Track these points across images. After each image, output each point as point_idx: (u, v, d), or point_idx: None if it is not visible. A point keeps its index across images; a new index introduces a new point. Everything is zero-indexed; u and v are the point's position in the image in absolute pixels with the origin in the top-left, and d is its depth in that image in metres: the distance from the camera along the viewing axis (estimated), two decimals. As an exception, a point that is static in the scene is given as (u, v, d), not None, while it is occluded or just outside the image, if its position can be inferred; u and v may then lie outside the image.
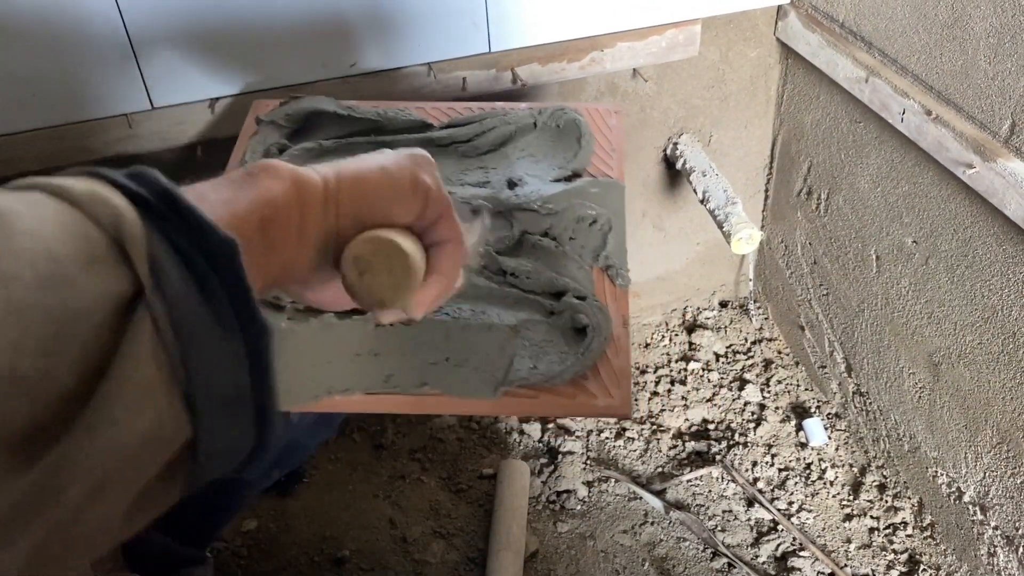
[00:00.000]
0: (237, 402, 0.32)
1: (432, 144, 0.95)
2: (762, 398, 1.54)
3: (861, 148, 1.25)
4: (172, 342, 0.29)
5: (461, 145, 0.96)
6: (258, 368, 0.33)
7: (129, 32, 1.04)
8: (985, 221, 1.04)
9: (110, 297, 0.29)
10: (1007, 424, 1.08)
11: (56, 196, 0.30)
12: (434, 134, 0.96)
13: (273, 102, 1.02)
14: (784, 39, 1.33)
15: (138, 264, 0.29)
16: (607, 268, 0.84)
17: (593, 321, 0.77)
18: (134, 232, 0.30)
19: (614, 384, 0.75)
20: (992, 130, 0.98)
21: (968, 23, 0.98)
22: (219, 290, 0.31)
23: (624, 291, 0.82)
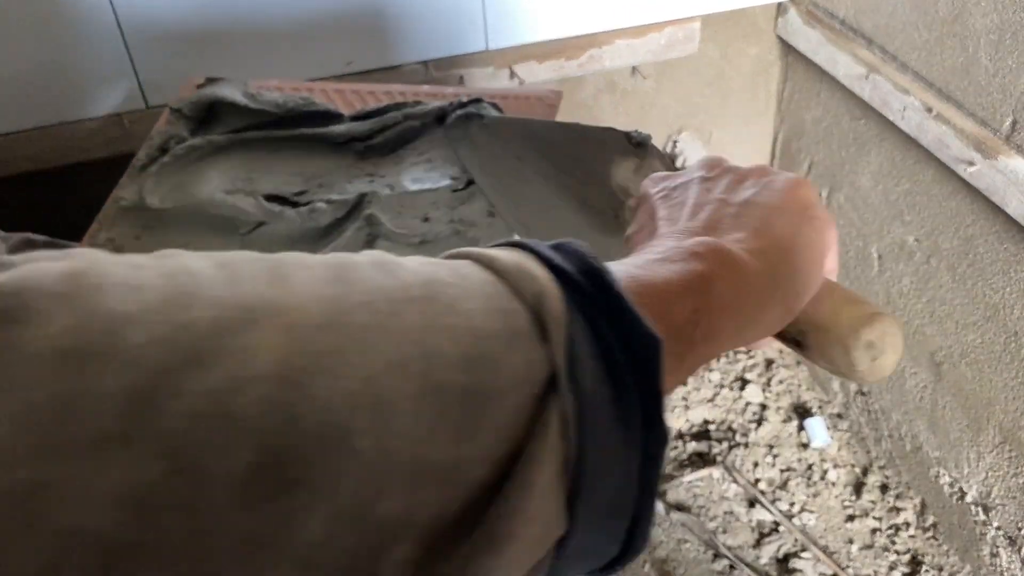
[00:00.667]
0: (618, 509, 0.29)
1: (326, 141, 0.85)
2: (763, 398, 1.53)
3: (862, 146, 1.24)
4: (574, 438, 0.27)
5: (358, 143, 0.85)
6: (647, 477, 0.30)
7: (124, 31, 1.04)
8: (986, 219, 1.03)
9: (529, 379, 0.26)
10: (1010, 424, 1.07)
11: (484, 266, 0.29)
12: (333, 129, 0.85)
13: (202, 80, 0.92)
14: (784, 36, 1.32)
15: (555, 346, 0.27)
16: None
17: None
18: (555, 309, 0.27)
19: None
20: (993, 127, 0.97)
21: (969, 20, 0.97)
22: (633, 389, 0.28)
23: None
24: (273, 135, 0.86)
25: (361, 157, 0.85)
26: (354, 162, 0.84)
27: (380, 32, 1.13)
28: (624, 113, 1.38)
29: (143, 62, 1.07)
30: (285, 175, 0.83)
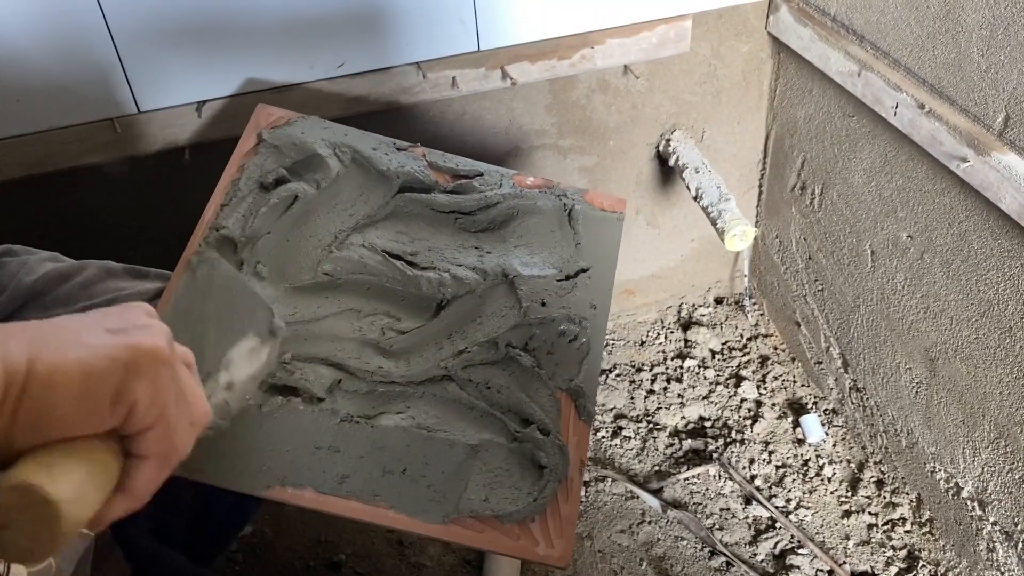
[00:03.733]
0: None
1: (433, 209, 0.92)
2: (759, 395, 1.53)
3: (854, 142, 1.24)
4: None
5: (461, 217, 0.92)
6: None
7: (114, 36, 1.03)
8: (980, 215, 1.03)
9: None
10: (1004, 419, 1.08)
11: None
12: (437, 198, 0.92)
13: (278, 111, 0.96)
14: (776, 33, 1.32)
15: None
16: (576, 397, 0.82)
17: (551, 463, 0.77)
18: None
19: (558, 533, 0.75)
20: (986, 123, 0.97)
21: (960, 15, 0.97)
22: None
23: (586, 427, 0.81)
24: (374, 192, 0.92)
25: (462, 229, 0.92)
26: (455, 232, 0.92)
27: (371, 34, 1.12)
28: (617, 112, 1.38)
29: (134, 66, 1.06)
30: (393, 233, 0.90)
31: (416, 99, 1.20)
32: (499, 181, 0.95)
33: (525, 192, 0.94)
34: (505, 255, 0.90)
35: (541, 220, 0.93)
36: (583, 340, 0.85)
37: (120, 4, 1.01)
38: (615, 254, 0.93)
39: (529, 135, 1.35)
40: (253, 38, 1.08)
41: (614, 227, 0.95)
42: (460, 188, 0.93)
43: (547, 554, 0.74)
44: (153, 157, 1.15)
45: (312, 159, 0.91)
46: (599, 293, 0.89)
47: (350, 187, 0.91)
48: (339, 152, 0.93)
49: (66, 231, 1.20)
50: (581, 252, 0.92)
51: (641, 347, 1.63)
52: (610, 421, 1.50)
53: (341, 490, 0.74)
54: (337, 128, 0.96)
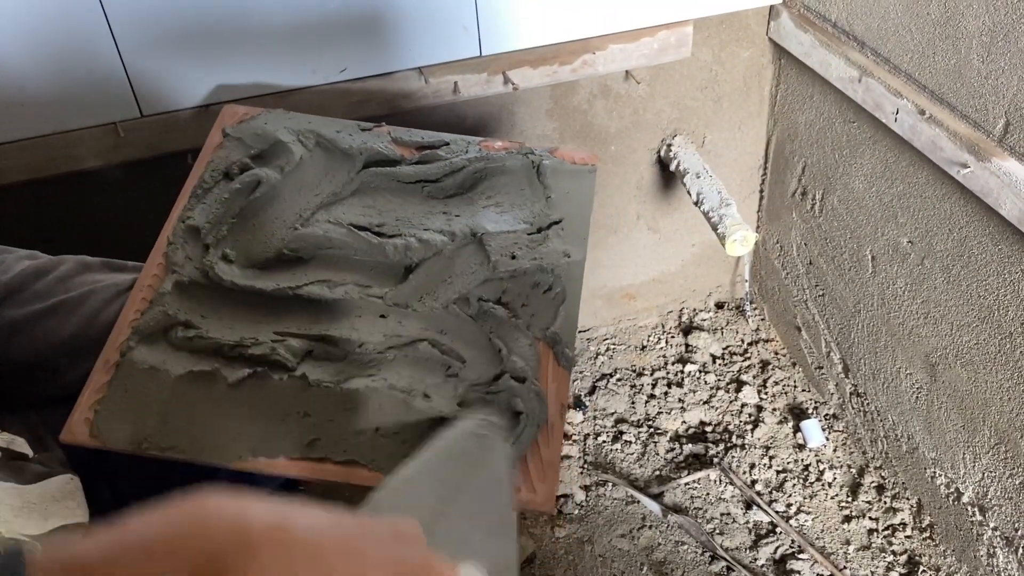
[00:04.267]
0: None
1: (398, 181, 0.92)
2: (759, 399, 1.53)
3: (855, 148, 1.24)
4: None
5: (428, 185, 0.93)
6: None
7: (117, 41, 1.04)
8: (980, 221, 1.03)
9: None
10: (1005, 424, 1.08)
11: None
12: (402, 170, 0.93)
13: (244, 108, 0.99)
14: (777, 39, 1.33)
15: None
16: (554, 344, 0.82)
17: (528, 408, 0.76)
18: None
19: (540, 477, 0.73)
20: (986, 129, 0.98)
21: (960, 22, 0.97)
22: None
23: (566, 373, 0.80)
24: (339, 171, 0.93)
25: (430, 196, 0.92)
26: (423, 201, 0.92)
27: (374, 39, 1.13)
28: (618, 118, 1.38)
29: (137, 71, 1.07)
30: (360, 208, 0.91)
31: (418, 104, 1.20)
32: (465, 148, 0.96)
33: (492, 155, 0.95)
34: (474, 216, 0.90)
35: (509, 179, 0.94)
36: (558, 289, 0.84)
37: (124, 9, 1.02)
38: (589, 204, 0.93)
39: (531, 140, 1.35)
40: (256, 43, 1.09)
41: (586, 179, 0.95)
42: (425, 158, 0.94)
43: (529, 498, 0.72)
44: (156, 161, 1.15)
45: (275, 146, 0.92)
46: (573, 242, 0.88)
47: (314, 169, 0.92)
48: (302, 138, 0.94)
49: (69, 234, 1.21)
50: (552, 205, 0.91)
51: (642, 352, 1.64)
52: (611, 425, 1.50)
53: (312, 453, 0.73)
54: (301, 117, 0.97)
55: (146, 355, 0.76)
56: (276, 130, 0.94)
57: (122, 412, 0.73)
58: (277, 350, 0.77)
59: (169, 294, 0.80)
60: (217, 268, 0.82)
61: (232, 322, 0.80)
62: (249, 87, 1.12)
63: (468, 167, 0.93)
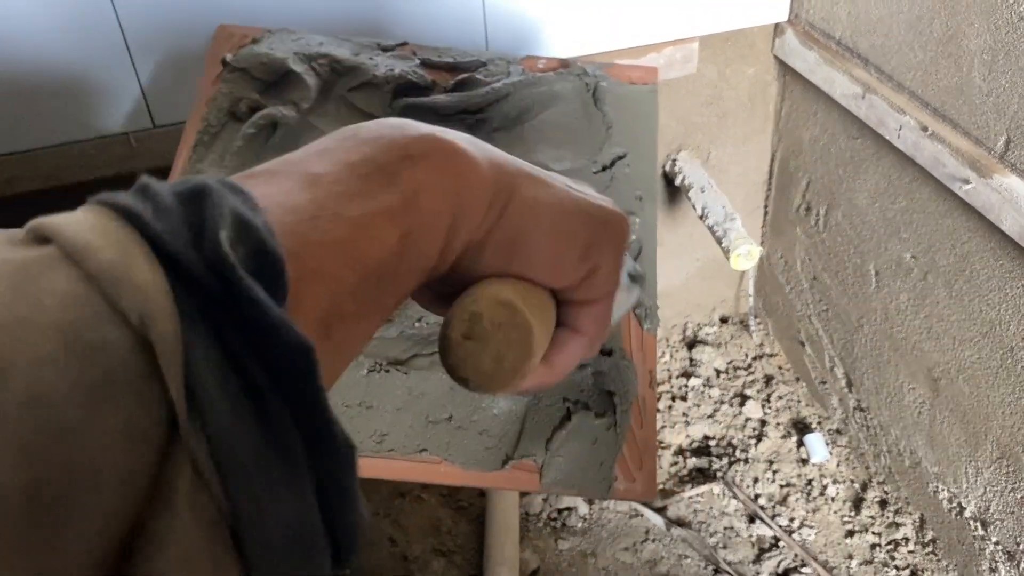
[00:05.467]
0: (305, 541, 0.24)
1: (434, 113, 0.80)
2: (763, 414, 1.54)
3: (859, 164, 1.25)
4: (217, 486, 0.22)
5: (469, 116, 0.80)
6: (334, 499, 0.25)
7: (131, 51, 1.05)
8: (982, 236, 1.04)
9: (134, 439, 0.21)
10: (1007, 439, 1.08)
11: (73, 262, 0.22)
12: (438, 100, 0.80)
13: (241, 29, 0.85)
14: (781, 56, 1.34)
15: (172, 385, 0.21)
16: (634, 307, 0.72)
17: (618, 385, 0.68)
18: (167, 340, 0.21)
19: (636, 464, 0.65)
20: (988, 146, 0.99)
21: (963, 40, 0.99)
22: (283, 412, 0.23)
23: (652, 337, 0.71)
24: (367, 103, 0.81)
25: (471, 130, 0.78)
26: None
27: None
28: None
29: (150, 82, 1.08)
30: None
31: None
32: (506, 69, 0.84)
33: (539, 77, 0.83)
34: (527, 154, 0.78)
35: (562, 107, 0.82)
36: (632, 238, 0.74)
37: (137, 20, 1.04)
38: (654, 132, 0.82)
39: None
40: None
41: (647, 101, 0.84)
42: (463, 84, 0.82)
43: (628, 488, 0.64)
44: (168, 171, 1.16)
45: (286, 77, 0.80)
46: (642, 180, 0.78)
47: (334, 102, 0.80)
48: (316, 65, 0.81)
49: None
50: (614, 136, 0.81)
51: (646, 365, 1.64)
52: (615, 438, 1.50)
53: (381, 449, 0.65)
54: (310, 38, 0.84)
55: None
56: (285, 57, 0.81)
57: None
58: None
59: None
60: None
61: None
62: (260, 99, 1.13)
63: (514, 94, 0.81)
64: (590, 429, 0.66)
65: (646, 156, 0.79)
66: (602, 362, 0.68)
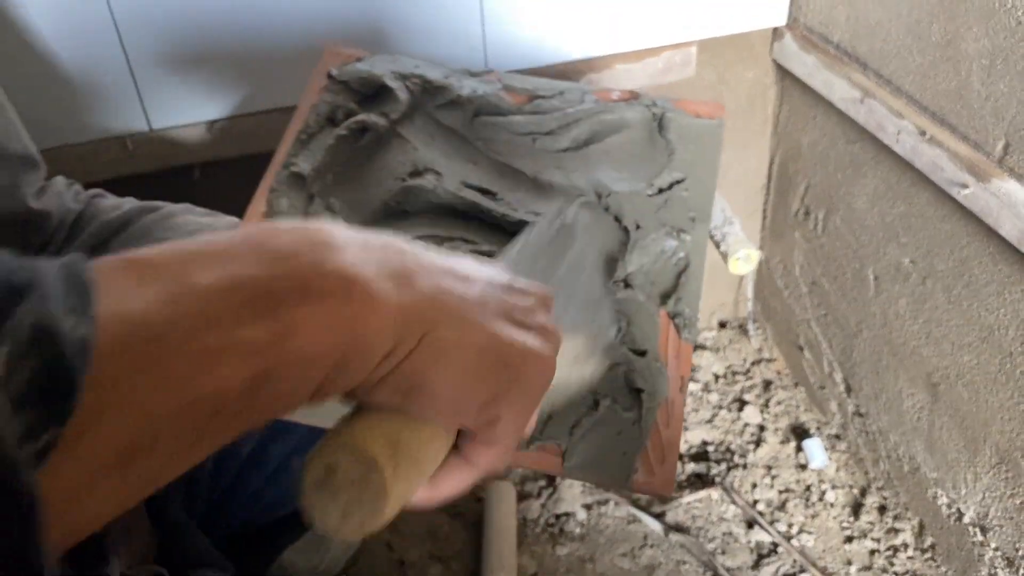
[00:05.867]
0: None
1: (509, 132, 0.87)
2: (762, 419, 1.53)
3: (858, 168, 1.25)
4: None
5: (540, 137, 0.87)
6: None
7: (128, 55, 1.05)
8: (981, 241, 1.04)
9: None
10: (1006, 444, 1.08)
11: None
12: (514, 120, 0.87)
13: (347, 50, 0.94)
14: (780, 60, 1.34)
15: None
16: (675, 316, 0.75)
17: (648, 385, 0.70)
18: None
19: (659, 459, 0.67)
20: (986, 151, 0.98)
21: (961, 44, 0.98)
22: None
23: (689, 346, 0.74)
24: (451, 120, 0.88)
25: (542, 149, 0.86)
26: (535, 154, 0.86)
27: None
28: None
29: (146, 85, 1.08)
30: (463, 162, 0.85)
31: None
32: (580, 98, 0.89)
33: (609, 105, 0.88)
34: (589, 173, 0.84)
35: (628, 134, 0.87)
36: (681, 254, 0.78)
37: (135, 25, 1.03)
38: (715, 162, 0.85)
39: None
40: (265, 58, 1.10)
41: (712, 134, 0.87)
42: (538, 108, 0.88)
43: (647, 481, 0.67)
44: (164, 174, 1.16)
45: (381, 92, 0.88)
46: (698, 204, 0.82)
47: (421, 117, 0.87)
48: (409, 83, 0.88)
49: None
50: (675, 162, 0.84)
51: (645, 370, 1.64)
52: (613, 443, 1.50)
53: None
54: (407, 60, 0.92)
55: None
56: (382, 74, 0.89)
57: None
58: None
59: None
60: (324, 215, 0.80)
61: None
62: (257, 102, 1.13)
63: (584, 120, 0.87)
64: (616, 421, 0.69)
65: (705, 183, 0.84)
66: (634, 362, 0.71)
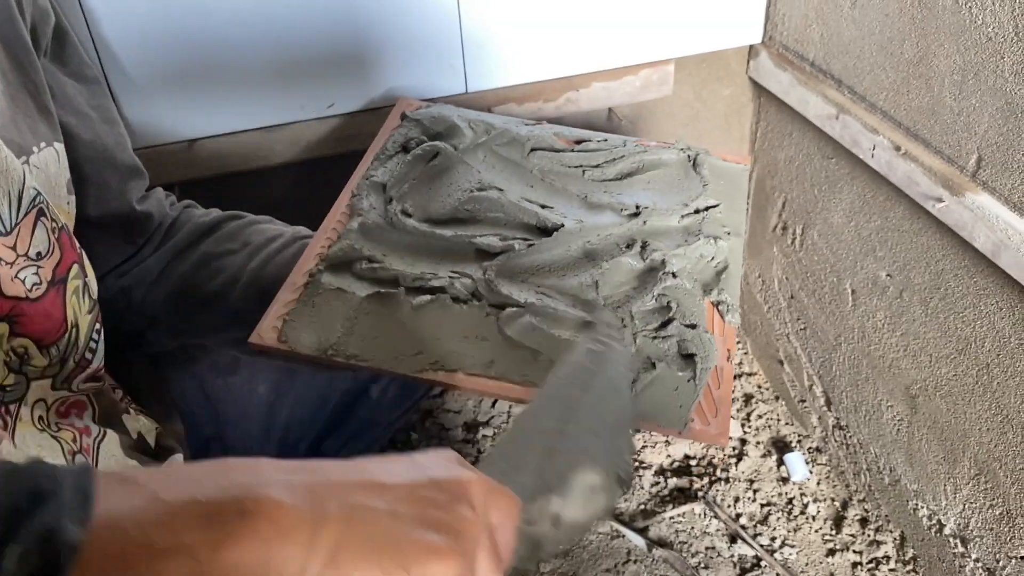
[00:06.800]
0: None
1: (561, 164, 1.00)
2: (743, 433, 1.54)
3: (834, 183, 1.27)
4: None
5: (589, 170, 0.99)
6: None
7: (107, 75, 1.05)
8: (956, 254, 1.05)
9: None
10: (984, 455, 1.09)
11: None
12: (566, 155, 1.01)
13: (417, 102, 1.10)
14: (756, 78, 1.36)
15: None
16: (718, 304, 0.84)
17: (700, 349, 0.78)
18: None
19: (713, 413, 0.75)
20: (959, 165, 1.00)
21: (933, 61, 1.00)
22: None
23: (732, 328, 0.83)
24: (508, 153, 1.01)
25: (591, 180, 0.99)
26: (584, 183, 0.99)
27: (360, 75, 1.15)
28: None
29: (126, 105, 1.08)
30: (522, 185, 0.97)
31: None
32: (623, 143, 1.03)
33: (649, 148, 1.02)
34: (634, 196, 0.96)
35: (667, 170, 1.00)
36: (721, 258, 0.88)
37: (114, 45, 1.03)
38: (744, 196, 0.98)
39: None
40: (244, 79, 1.10)
41: (740, 175, 1.01)
42: (586, 148, 1.02)
43: (703, 430, 0.74)
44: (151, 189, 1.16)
45: (450, 128, 1.02)
46: (731, 220, 0.93)
47: (483, 150, 1.01)
48: (473, 125, 1.03)
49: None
50: (708, 192, 0.96)
51: (626, 386, 1.64)
52: (596, 459, 1.50)
53: (490, 372, 0.77)
54: (471, 112, 1.07)
55: (332, 280, 0.83)
56: (451, 115, 1.04)
57: (310, 323, 0.79)
58: (454, 284, 0.83)
59: (355, 232, 0.88)
60: (400, 216, 0.90)
61: (412, 261, 0.86)
62: (237, 122, 1.13)
63: (628, 156, 1.00)
64: (672, 379, 0.77)
65: (736, 207, 0.96)
66: (686, 333, 0.80)
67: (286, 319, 0.79)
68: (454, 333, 0.80)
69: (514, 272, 0.85)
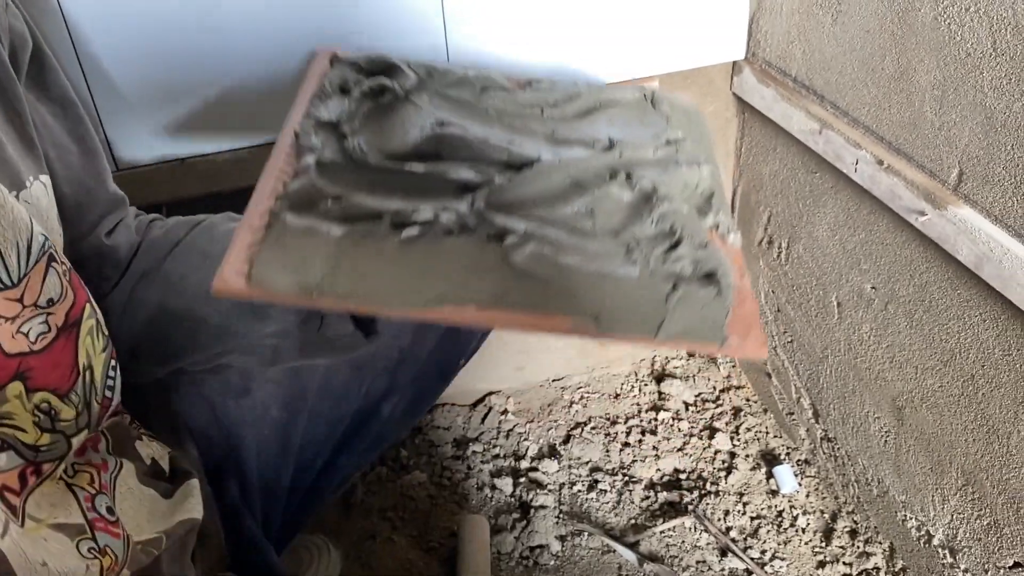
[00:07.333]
0: None
1: (517, 104, 0.93)
2: (732, 446, 1.54)
3: (818, 197, 1.28)
4: None
5: (548, 108, 0.93)
6: None
7: (93, 94, 1.05)
8: (939, 267, 1.06)
9: None
10: (971, 466, 1.10)
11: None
12: (520, 94, 0.94)
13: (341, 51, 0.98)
14: (740, 93, 1.37)
15: None
16: (716, 226, 0.82)
17: (721, 268, 0.75)
18: None
19: (744, 329, 0.73)
20: (941, 178, 1.01)
21: (913, 76, 1.01)
22: None
23: (736, 248, 0.81)
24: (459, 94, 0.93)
25: (549, 119, 0.92)
26: (544, 122, 0.92)
27: (348, 94, 1.15)
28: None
29: (113, 125, 1.08)
30: (481, 125, 0.89)
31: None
32: (574, 82, 1.00)
33: (603, 87, 0.99)
34: (594, 131, 0.91)
35: (626, 108, 0.96)
36: (705, 184, 0.86)
37: (100, 64, 1.04)
38: (706, 127, 0.96)
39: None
40: (232, 96, 1.10)
41: (696, 112, 0.98)
42: (539, 88, 0.97)
43: (740, 345, 0.72)
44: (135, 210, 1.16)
45: (389, 68, 0.93)
46: (701, 151, 0.91)
47: (429, 92, 0.91)
48: (413, 67, 0.94)
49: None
50: (672, 125, 0.94)
51: (616, 400, 1.65)
52: (586, 474, 1.50)
53: (503, 303, 0.70)
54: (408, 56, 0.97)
55: (297, 220, 0.73)
56: (389, 56, 0.95)
57: (282, 263, 0.69)
58: (440, 218, 0.74)
59: (313, 169, 0.78)
60: (361, 151, 0.81)
61: (382, 198, 0.76)
62: (226, 141, 1.13)
63: (584, 94, 0.96)
64: (698, 298, 0.74)
65: (704, 138, 0.94)
66: (699, 252, 0.77)
67: (253, 260, 0.69)
68: (454, 266, 0.72)
69: (501, 205, 0.78)
